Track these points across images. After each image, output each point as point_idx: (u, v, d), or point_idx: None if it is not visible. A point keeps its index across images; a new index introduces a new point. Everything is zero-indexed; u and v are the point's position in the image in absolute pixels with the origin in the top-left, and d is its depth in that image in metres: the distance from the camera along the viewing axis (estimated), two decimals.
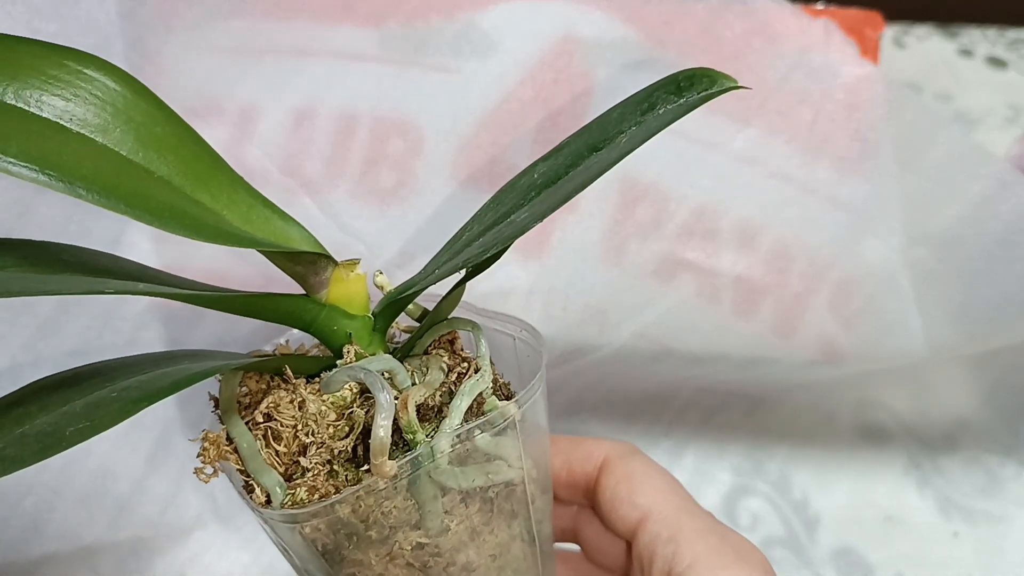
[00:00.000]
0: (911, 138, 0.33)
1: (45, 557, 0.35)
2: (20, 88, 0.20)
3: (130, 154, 0.21)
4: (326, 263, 0.23)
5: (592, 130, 0.23)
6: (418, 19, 0.35)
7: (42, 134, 0.20)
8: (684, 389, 0.42)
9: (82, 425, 0.17)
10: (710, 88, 0.22)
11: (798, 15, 0.33)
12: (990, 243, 0.33)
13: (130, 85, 0.22)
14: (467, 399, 0.22)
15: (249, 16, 0.35)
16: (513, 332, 0.26)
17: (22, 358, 0.33)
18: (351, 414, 0.22)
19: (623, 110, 0.23)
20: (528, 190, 0.23)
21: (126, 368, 0.21)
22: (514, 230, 0.21)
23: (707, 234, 0.34)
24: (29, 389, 0.19)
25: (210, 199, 0.22)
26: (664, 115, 0.22)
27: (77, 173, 0.19)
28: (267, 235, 0.23)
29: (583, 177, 0.21)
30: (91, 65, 0.22)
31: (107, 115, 0.21)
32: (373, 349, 0.24)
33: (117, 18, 0.36)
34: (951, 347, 0.36)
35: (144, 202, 0.20)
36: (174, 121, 0.23)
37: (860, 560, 0.39)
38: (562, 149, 0.24)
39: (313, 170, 0.35)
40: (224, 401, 0.23)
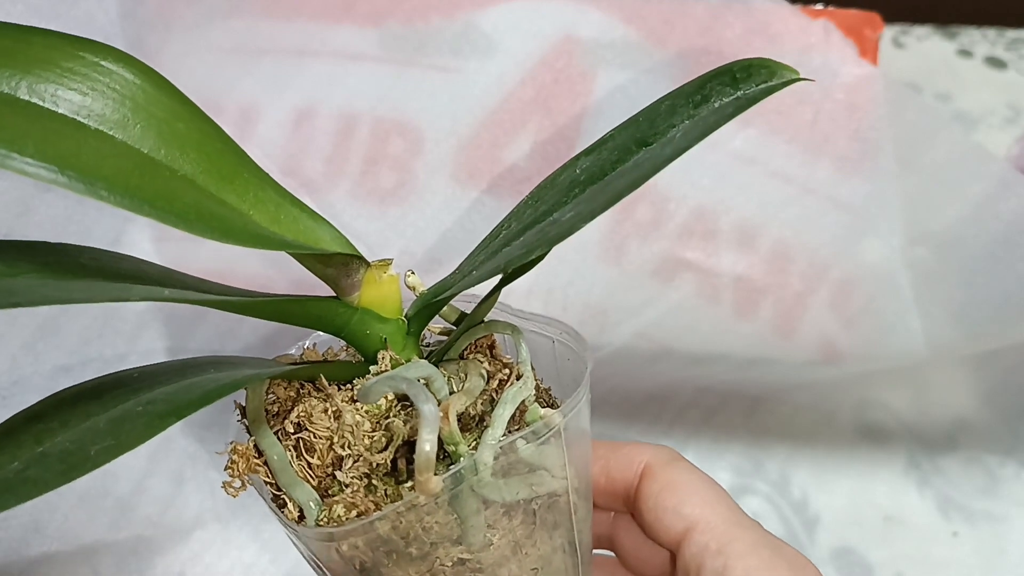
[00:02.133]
0: (911, 138, 0.33)
1: (46, 556, 0.35)
2: (34, 82, 0.19)
3: (152, 152, 0.20)
4: (358, 264, 0.22)
5: (639, 123, 0.22)
6: (418, 19, 0.35)
7: (59, 132, 0.18)
8: (684, 389, 0.42)
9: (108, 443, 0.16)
10: (770, 80, 0.21)
11: (798, 15, 0.33)
12: (990, 243, 0.33)
13: (150, 78, 0.21)
14: (510, 408, 0.21)
15: (249, 16, 0.35)
16: (552, 334, 0.25)
17: (22, 358, 0.33)
18: (389, 424, 0.21)
19: (673, 101, 0.21)
20: (571, 186, 0.21)
21: (150, 378, 0.20)
22: (560, 230, 0.20)
23: (707, 234, 0.34)
24: (49, 402, 0.18)
25: (236, 199, 0.21)
26: (721, 109, 0.20)
27: (98, 173, 0.17)
28: (296, 236, 0.22)
29: (634, 175, 0.20)
30: (109, 57, 0.20)
31: (126, 110, 0.20)
32: (407, 354, 0.23)
33: (117, 18, 0.36)
34: (951, 347, 0.36)
35: (169, 203, 0.18)
36: (197, 116, 0.21)
37: (860, 560, 0.39)
38: (606, 142, 0.22)
39: (313, 170, 0.35)
40: (252, 411, 0.22)
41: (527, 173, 0.35)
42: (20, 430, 0.17)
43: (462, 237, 0.35)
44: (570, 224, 0.19)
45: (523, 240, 0.21)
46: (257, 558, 0.39)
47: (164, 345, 0.38)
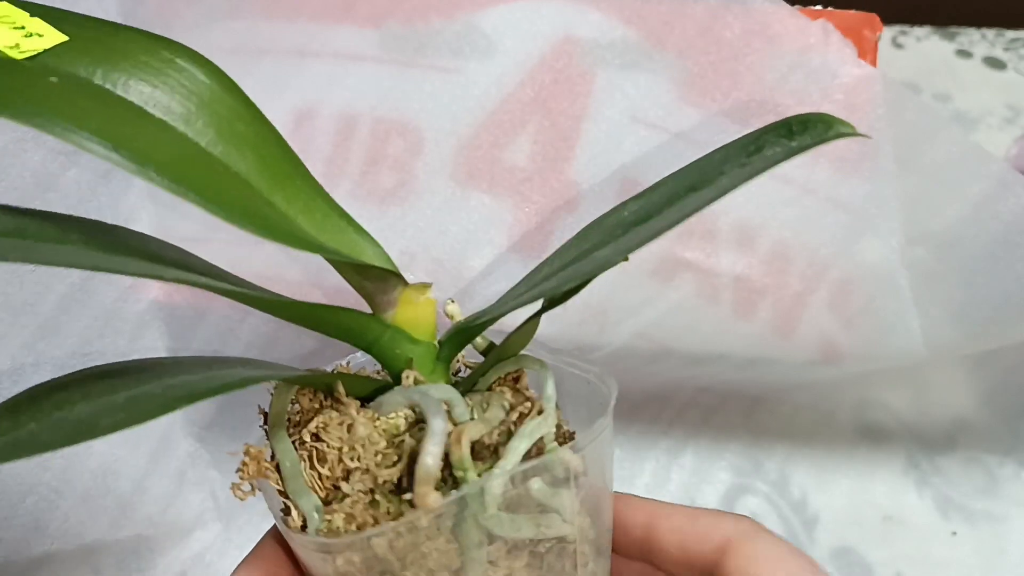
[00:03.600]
0: (910, 138, 0.33)
1: (46, 556, 0.35)
2: (110, 70, 0.20)
3: (209, 146, 0.21)
4: (396, 282, 0.22)
5: (691, 171, 0.22)
6: (418, 20, 0.35)
7: (123, 116, 0.20)
8: (684, 389, 0.42)
9: (119, 417, 0.17)
10: (825, 133, 0.21)
11: (797, 16, 0.33)
12: (989, 243, 0.33)
13: (219, 79, 0.22)
14: (526, 442, 0.21)
15: (249, 16, 0.36)
16: (587, 376, 0.25)
17: (22, 358, 0.33)
18: (402, 443, 0.21)
19: (727, 152, 0.22)
20: (615, 227, 0.22)
21: (177, 366, 0.20)
22: (594, 266, 0.20)
23: (706, 234, 0.34)
24: (76, 376, 0.19)
25: (285, 202, 0.22)
26: (772, 156, 0.21)
27: (151, 157, 0.18)
28: (339, 244, 0.22)
29: (676, 215, 0.20)
30: (184, 56, 0.21)
31: (191, 105, 0.21)
32: (435, 378, 0.23)
33: (117, 18, 0.36)
34: (950, 347, 0.36)
35: (216, 195, 0.19)
36: (259, 120, 0.22)
37: (859, 560, 0.39)
38: (657, 188, 0.22)
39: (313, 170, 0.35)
40: (273, 416, 0.22)
41: (527, 173, 0.35)
42: (43, 397, 0.18)
43: (462, 237, 0.35)
44: (604, 260, 0.20)
45: (560, 275, 0.22)
46: None
47: (165, 344, 0.38)
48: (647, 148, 0.34)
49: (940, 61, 0.58)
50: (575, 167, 0.35)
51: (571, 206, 0.35)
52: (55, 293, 0.34)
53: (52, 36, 0.20)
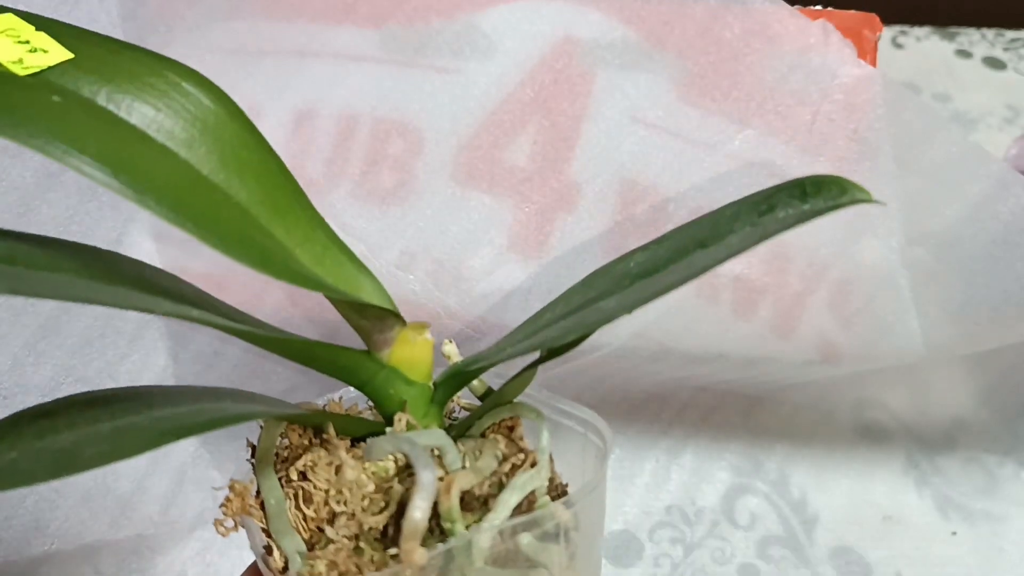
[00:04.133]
0: (910, 139, 0.33)
1: (47, 556, 0.35)
2: (114, 91, 0.20)
3: (211, 174, 0.20)
4: (394, 321, 0.22)
5: (701, 225, 0.22)
6: (418, 20, 0.35)
7: (124, 140, 0.19)
8: (683, 389, 0.42)
9: (103, 448, 0.16)
10: (839, 197, 0.20)
11: (796, 16, 0.33)
12: (989, 243, 0.33)
13: (225, 105, 0.21)
14: (518, 495, 0.20)
15: (249, 16, 0.36)
16: (583, 428, 0.24)
17: (23, 357, 0.33)
18: (390, 489, 0.20)
19: (738, 208, 0.21)
20: (622, 277, 0.21)
21: (166, 397, 0.20)
22: (599, 317, 0.20)
23: None
24: (63, 402, 0.18)
25: (284, 234, 0.21)
26: (784, 219, 0.20)
27: (150, 184, 0.18)
28: (337, 281, 0.22)
29: (684, 272, 0.19)
30: (190, 80, 0.21)
31: (195, 131, 0.20)
32: (428, 422, 0.22)
33: (118, 19, 0.36)
34: (950, 347, 0.36)
35: (214, 225, 0.19)
36: (263, 148, 0.22)
37: (859, 559, 0.39)
38: (664, 240, 0.22)
39: (314, 171, 0.35)
40: (262, 450, 0.22)
41: (527, 173, 0.35)
42: (26, 423, 0.17)
43: (462, 237, 0.35)
44: (610, 312, 0.19)
45: (563, 324, 0.21)
46: None
47: (165, 345, 0.38)
48: (647, 148, 0.34)
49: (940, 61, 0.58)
50: (575, 167, 0.35)
51: (571, 206, 0.35)
52: None
53: (57, 52, 0.20)
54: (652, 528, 0.40)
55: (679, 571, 0.39)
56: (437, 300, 0.35)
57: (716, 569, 0.39)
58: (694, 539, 0.40)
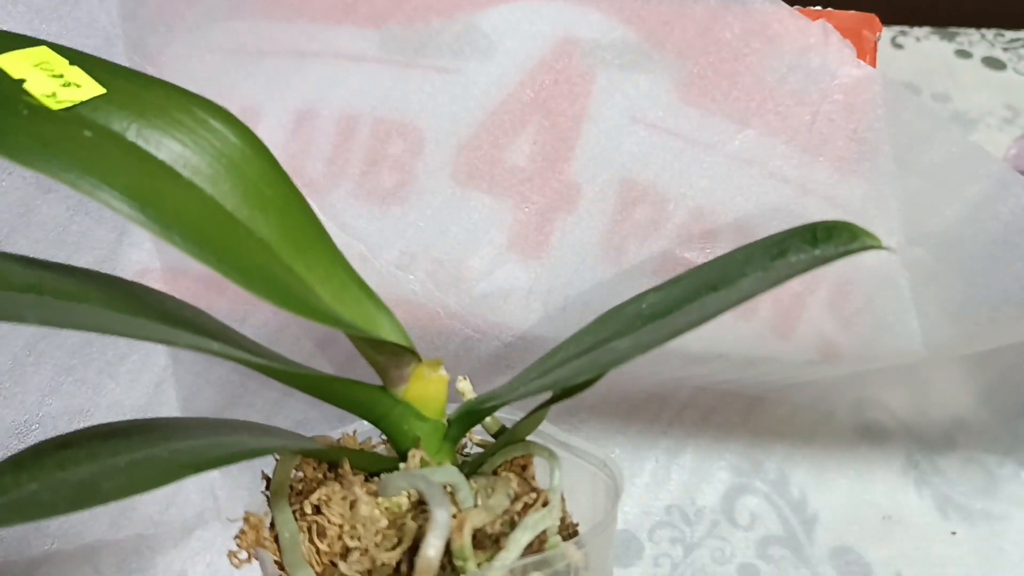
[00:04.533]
0: (909, 139, 0.33)
1: (46, 555, 0.35)
2: (144, 127, 0.20)
3: (235, 210, 0.21)
4: (410, 358, 0.22)
5: (713, 268, 0.22)
6: (418, 20, 0.35)
7: (152, 175, 0.20)
8: (683, 388, 0.42)
9: (121, 481, 0.16)
10: (849, 243, 0.21)
11: (796, 17, 0.33)
12: (988, 243, 0.33)
13: (250, 142, 0.22)
14: (529, 534, 0.21)
15: (250, 17, 0.36)
16: (594, 467, 0.24)
17: (23, 358, 0.33)
18: (403, 525, 0.20)
19: (749, 252, 0.22)
20: (634, 318, 0.22)
21: (183, 430, 0.20)
22: (612, 358, 0.20)
23: (706, 234, 0.35)
24: (83, 433, 0.19)
25: (305, 270, 0.22)
26: (795, 264, 0.20)
27: (176, 219, 0.18)
28: (355, 318, 0.22)
29: (697, 315, 0.20)
30: (218, 116, 0.21)
31: (220, 167, 0.21)
32: (441, 458, 0.22)
33: (118, 19, 0.36)
34: (949, 347, 0.36)
35: (236, 260, 0.19)
36: (285, 184, 0.22)
37: (858, 559, 0.40)
38: (677, 282, 0.22)
39: (314, 171, 0.35)
40: (276, 484, 0.22)
41: (527, 173, 0.35)
42: (47, 454, 0.17)
43: (462, 237, 0.35)
44: (623, 354, 0.20)
45: (575, 364, 0.21)
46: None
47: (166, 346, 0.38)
48: (647, 148, 0.34)
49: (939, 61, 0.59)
50: (575, 167, 0.35)
51: (571, 206, 0.35)
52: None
53: (90, 87, 0.20)
54: (652, 528, 0.40)
55: (679, 571, 0.39)
56: (437, 300, 0.35)
57: (716, 569, 0.39)
58: (694, 539, 0.40)
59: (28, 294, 0.18)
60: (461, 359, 0.37)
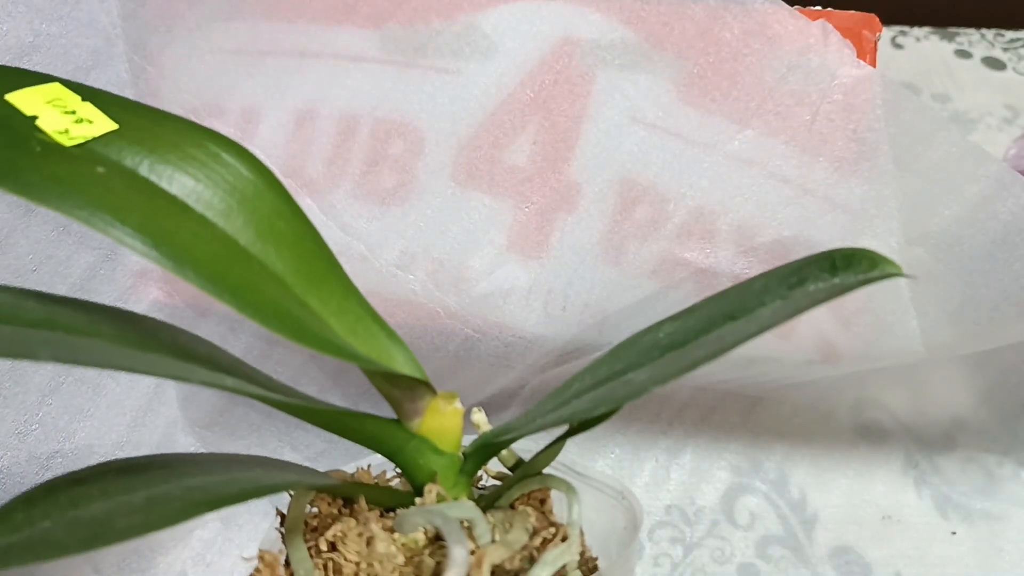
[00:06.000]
0: (909, 139, 0.33)
1: None
2: (156, 162, 0.20)
3: (248, 245, 0.21)
4: (424, 391, 0.22)
5: (729, 297, 0.22)
6: (418, 21, 0.35)
7: (165, 211, 0.20)
8: (682, 389, 0.42)
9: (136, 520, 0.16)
10: (869, 271, 0.21)
11: (796, 17, 0.33)
12: (988, 243, 0.33)
13: (263, 176, 0.22)
14: (548, 570, 0.20)
15: (250, 18, 0.36)
16: (612, 498, 0.24)
17: None
18: (420, 562, 0.20)
19: (767, 281, 0.21)
20: (650, 348, 0.22)
21: (196, 466, 0.20)
22: (629, 391, 0.20)
23: (705, 234, 0.35)
24: (96, 469, 0.18)
25: (319, 304, 0.22)
26: (815, 294, 0.20)
27: (190, 255, 0.18)
28: (370, 351, 0.22)
29: (715, 347, 0.19)
30: (230, 150, 0.21)
31: (233, 201, 0.21)
32: (457, 492, 0.22)
33: (119, 19, 0.36)
34: (949, 347, 0.36)
35: (250, 295, 0.19)
36: (298, 218, 0.22)
37: (858, 559, 0.40)
38: (693, 312, 0.22)
39: (314, 171, 0.35)
40: (291, 520, 0.22)
41: (527, 173, 0.35)
42: (60, 491, 0.17)
43: (462, 237, 0.35)
44: (641, 386, 0.19)
45: (592, 396, 0.21)
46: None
47: None
48: (647, 148, 0.35)
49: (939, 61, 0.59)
50: (575, 167, 0.35)
51: (571, 206, 0.35)
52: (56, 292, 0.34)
53: (102, 123, 0.20)
54: (652, 528, 0.40)
55: (679, 571, 0.39)
56: (437, 300, 0.36)
57: (716, 569, 0.39)
58: (694, 539, 0.40)
59: (41, 330, 0.18)
60: (461, 359, 0.37)
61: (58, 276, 0.34)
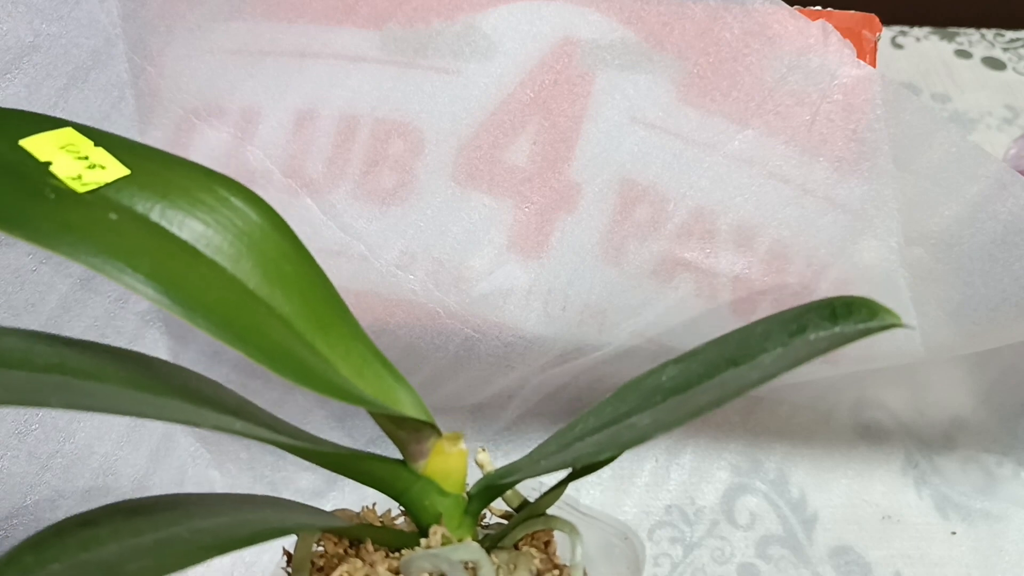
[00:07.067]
0: (909, 139, 0.33)
1: None
2: (167, 207, 0.20)
3: (256, 288, 0.21)
4: (429, 433, 0.22)
5: (730, 342, 0.22)
6: (419, 21, 0.35)
7: (175, 256, 0.20)
8: None
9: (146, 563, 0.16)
10: (869, 321, 0.21)
11: (796, 17, 0.33)
12: (987, 244, 0.33)
13: (271, 220, 0.22)
14: None
15: (250, 18, 0.36)
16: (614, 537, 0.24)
17: None
18: None
19: (767, 327, 0.21)
20: (653, 392, 0.22)
21: (205, 507, 0.20)
22: (633, 436, 0.20)
23: (705, 234, 0.35)
24: (105, 511, 0.18)
25: (326, 347, 0.22)
26: (815, 343, 0.20)
27: (200, 300, 0.18)
28: (376, 394, 0.22)
29: (718, 393, 0.19)
30: (239, 195, 0.22)
31: (242, 245, 0.21)
32: (462, 533, 0.22)
33: (119, 19, 0.36)
34: (948, 347, 0.36)
35: (258, 339, 0.19)
36: (306, 262, 0.22)
37: (858, 559, 0.40)
38: (696, 355, 0.22)
39: (314, 171, 0.35)
40: (298, 560, 0.22)
41: (527, 173, 0.35)
42: (69, 533, 0.17)
43: (462, 237, 0.35)
44: (645, 432, 0.20)
45: (596, 439, 0.21)
46: (258, 556, 0.39)
47: (166, 344, 0.38)
48: (647, 148, 0.35)
49: (939, 61, 0.59)
50: (575, 167, 0.35)
51: (571, 206, 0.35)
52: (56, 293, 0.34)
53: (114, 169, 0.21)
54: (652, 528, 0.40)
55: (679, 571, 0.39)
56: (437, 300, 0.36)
57: (716, 569, 0.39)
58: (694, 539, 0.40)
59: (52, 374, 0.18)
60: (461, 359, 0.37)
61: (58, 276, 0.34)
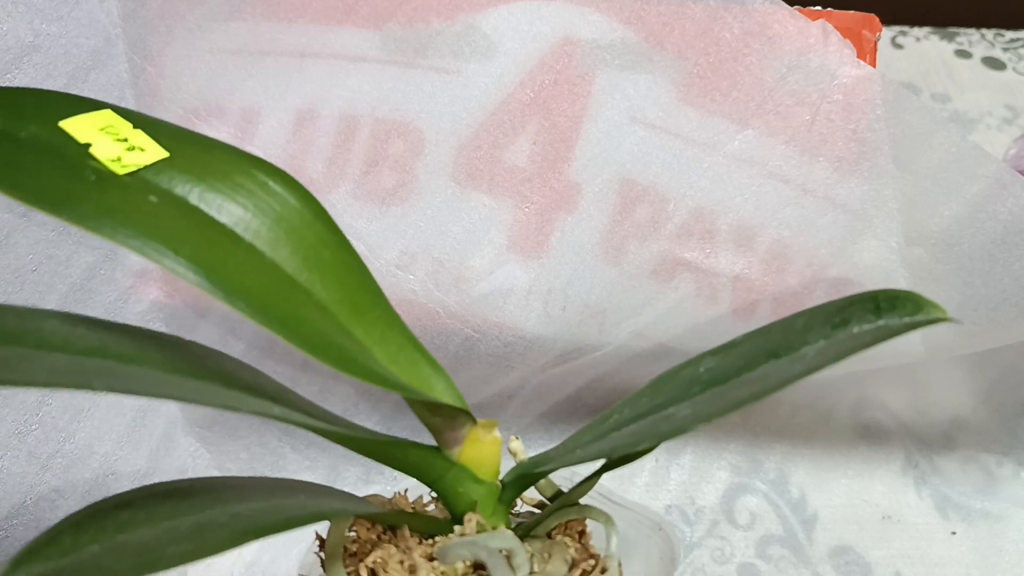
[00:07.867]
0: (909, 139, 0.34)
1: None
2: (206, 191, 0.20)
3: (295, 273, 0.21)
4: (464, 420, 0.22)
5: (771, 333, 0.22)
6: (419, 21, 0.35)
7: (215, 240, 0.20)
8: None
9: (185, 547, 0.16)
10: (914, 315, 0.20)
11: (796, 17, 0.34)
12: (987, 244, 0.33)
13: (310, 205, 0.22)
14: None
15: (250, 18, 0.36)
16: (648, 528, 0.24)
17: None
18: None
19: (809, 319, 0.21)
20: (691, 383, 0.21)
21: (241, 491, 0.20)
22: (671, 427, 0.19)
23: (705, 234, 0.35)
24: (140, 493, 0.18)
25: (363, 333, 0.22)
26: (859, 336, 0.20)
27: (240, 285, 0.18)
28: (412, 380, 0.22)
29: (759, 387, 0.19)
30: (278, 179, 0.21)
31: (280, 230, 0.21)
32: (495, 521, 0.22)
33: (119, 19, 0.36)
34: (948, 347, 0.36)
35: (297, 325, 0.19)
36: (344, 248, 0.22)
37: (858, 559, 0.40)
38: (734, 347, 0.22)
39: (314, 171, 0.35)
40: (331, 545, 0.22)
41: (527, 173, 0.35)
42: (107, 515, 0.17)
43: (462, 237, 0.35)
44: (684, 423, 0.19)
45: (633, 429, 0.21)
46: (258, 557, 0.39)
47: None
48: (647, 148, 0.35)
49: (939, 61, 0.59)
50: (575, 167, 0.35)
51: (571, 206, 0.35)
52: (57, 293, 0.34)
53: (153, 151, 0.21)
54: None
55: (679, 571, 0.39)
56: (437, 300, 0.36)
57: (716, 569, 0.39)
58: (694, 539, 0.40)
59: (94, 358, 0.18)
60: (461, 359, 0.37)
61: (58, 276, 0.34)
